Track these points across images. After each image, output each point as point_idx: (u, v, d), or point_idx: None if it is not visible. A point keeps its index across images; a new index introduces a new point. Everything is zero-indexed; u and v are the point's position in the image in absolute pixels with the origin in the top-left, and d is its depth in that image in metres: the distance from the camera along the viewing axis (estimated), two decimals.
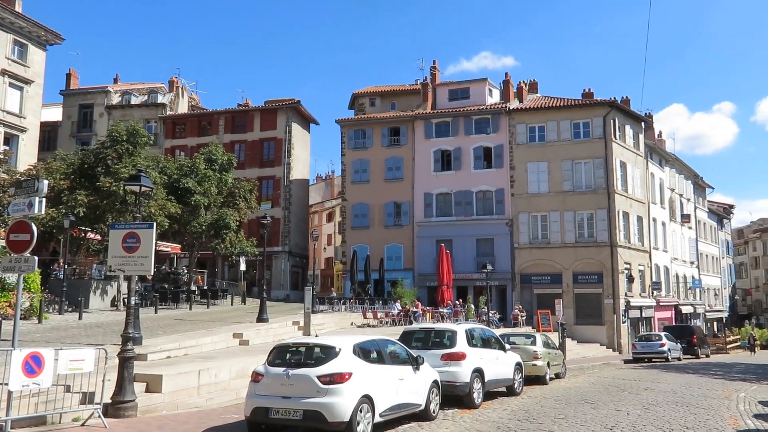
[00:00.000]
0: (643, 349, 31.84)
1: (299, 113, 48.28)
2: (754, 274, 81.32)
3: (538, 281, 38.08)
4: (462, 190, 40.04)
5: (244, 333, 19.06)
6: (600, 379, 21.07)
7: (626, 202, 39.05)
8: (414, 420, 11.16)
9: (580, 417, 12.07)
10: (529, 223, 38.63)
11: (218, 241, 33.34)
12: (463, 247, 38.79)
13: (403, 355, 11.35)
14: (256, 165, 46.18)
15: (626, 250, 38.35)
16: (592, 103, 39.77)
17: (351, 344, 9.95)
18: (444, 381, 12.42)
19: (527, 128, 39.47)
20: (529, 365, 17.66)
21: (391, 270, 39.04)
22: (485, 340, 14.95)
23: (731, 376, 23.39)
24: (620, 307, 37.08)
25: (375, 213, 41.72)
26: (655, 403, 14.33)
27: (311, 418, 9.03)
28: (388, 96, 46.82)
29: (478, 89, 42.55)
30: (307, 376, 9.19)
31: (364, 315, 29.44)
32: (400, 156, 41.84)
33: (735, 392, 17.01)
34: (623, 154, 39.43)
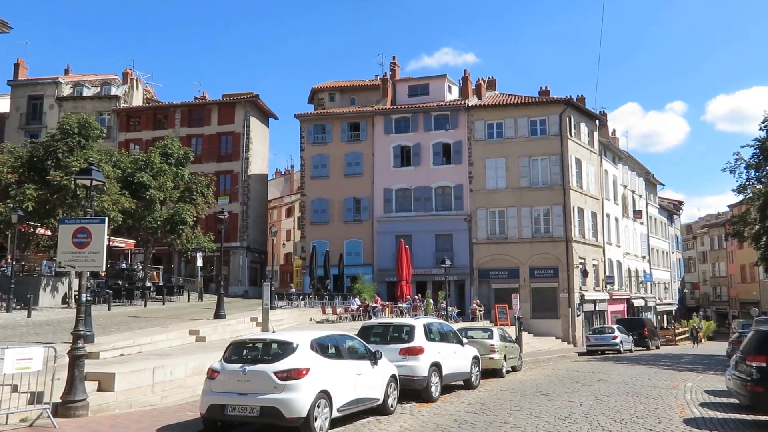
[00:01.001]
0: (597, 342, 32.61)
1: (258, 107, 47.75)
2: (702, 268, 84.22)
3: (495, 276, 38.60)
4: (421, 186, 40.26)
5: (201, 330, 18.80)
6: (555, 371, 21.51)
7: (581, 198, 39.90)
8: (372, 414, 11.20)
9: (535, 408, 12.31)
10: (488, 218, 39.10)
11: (174, 237, 32.80)
12: (423, 242, 39.04)
13: (362, 350, 11.37)
14: (214, 159, 45.50)
15: (581, 245, 39.20)
16: (548, 101, 40.46)
17: (308, 340, 9.92)
18: (402, 375, 12.50)
19: (485, 125, 39.92)
20: (486, 359, 17.91)
21: (351, 265, 39.02)
22: (443, 335, 15.09)
23: (679, 366, 24.18)
24: (575, 301, 37.89)
25: (334, 208, 41.62)
26: (607, 394, 14.71)
27: (268, 414, 8.97)
28: (347, 91, 46.69)
29: (437, 86, 42.81)
30: (264, 372, 9.12)
31: (323, 310, 29.38)
32: (359, 151, 41.80)
33: (683, 382, 17.60)
34: (578, 151, 40.26)
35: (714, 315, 74.52)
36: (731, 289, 75.08)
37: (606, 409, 12.31)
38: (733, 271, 73.86)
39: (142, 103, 50.08)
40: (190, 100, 48.81)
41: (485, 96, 43.35)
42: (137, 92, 50.42)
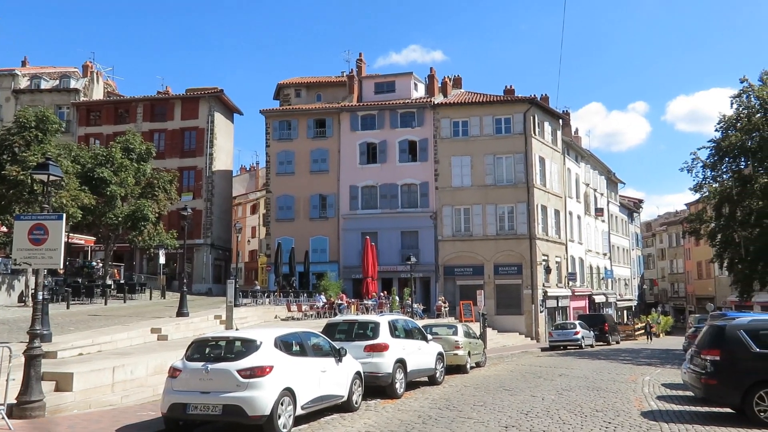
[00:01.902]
0: (559, 337, 33.21)
1: (222, 102, 47.16)
2: (661, 265, 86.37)
3: (461, 273, 38.91)
4: (387, 183, 40.32)
5: (163, 328, 18.49)
6: (518, 366, 21.82)
7: (544, 196, 40.49)
8: (337, 411, 11.21)
9: (498, 403, 12.47)
10: (453, 216, 39.38)
11: (136, 234, 32.20)
12: (389, 239, 39.13)
13: (326, 348, 11.36)
14: (177, 155, 44.80)
15: (544, 242, 39.79)
16: (513, 99, 40.90)
17: (272, 337, 9.86)
18: (367, 372, 12.54)
19: (451, 123, 40.17)
20: (450, 355, 18.08)
21: (317, 262, 38.88)
22: (408, 331, 15.17)
23: (638, 361, 24.78)
24: (538, 297, 38.46)
25: (300, 205, 41.39)
26: (568, 388, 14.98)
27: (231, 412, 8.89)
28: (314, 87, 46.45)
29: (403, 83, 42.90)
30: (227, 370, 9.04)
31: (288, 308, 29.21)
32: (325, 148, 41.64)
33: (641, 376, 18.05)
34: (542, 149, 40.83)
35: (672, 310, 76.54)
36: (688, 285, 77.17)
37: (567, 403, 12.54)
38: (690, 268, 75.91)
39: (103, 97, 48.99)
40: (152, 95, 47.91)
41: (451, 94, 43.62)
42: (98, 86, 49.28)
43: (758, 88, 31.56)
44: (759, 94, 31.30)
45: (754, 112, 31.47)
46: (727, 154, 32.28)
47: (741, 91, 32.21)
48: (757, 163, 31.00)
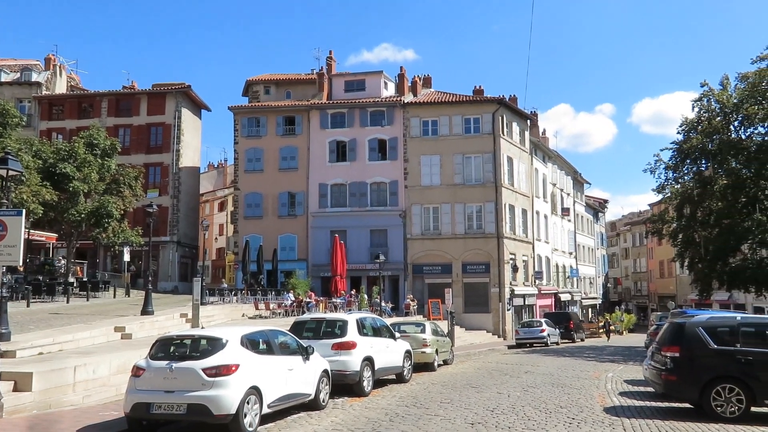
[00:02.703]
0: (525, 335, 33.63)
1: (190, 98, 46.51)
2: (624, 264, 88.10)
3: (429, 271, 39.11)
4: (357, 182, 40.30)
5: (127, 326, 18.18)
6: (485, 364, 22.04)
7: (512, 196, 40.94)
8: (304, 410, 11.18)
9: (465, 400, 12.58)
10: (422, 214, 39.55)
11: (100, 231, 31.57)
12: (357, 237, 39.11)
13: (293, 346, 11.31)
14: (143, 151, 44.03)
15: (512, 241, 40.23)
16: (482, 100, 41.25)
17: (238, 335, 9.79)
18: (334, 370, 12.53)
19: (421, 122, 40.33)
20: (418, 353, 18.16)
21: (285, 260, 38.67)
22: (376, 329, 15.20)
23: (602, 358, 25.25)
24: (505, 296, 38.88)
25: (269, 203, 41.10)
26: (533, 385, 15.20)
27: (196, 411, 8.80)
28: (283, 84, 46.14)
29: (373, 81, 42.90)
30: (192, 369, 8.95)
31: (256, 306, 29.02)
32: (294, 145, 41.42)
33: (604, 372, 18.41)
34: (510, 149, 41.27)
35: (635, 308, 78.12)
36: (650, 283, 78.86)
37: (532, 400, 12.72)
38: (652, 267, 77.58)
39: (66, 91, 47.88)
40: (117, 89, 47.00)
41: (421, 93, 43.78)
42: (60, 79, 48.15)
43: (718, 93, 32.40)
44: (719, 98, 32.13)
45: (714, 116, 32.30)
46: (688, 156, 33.07)
47: (702, 95, 33.03)
48: (717, 165, 31.83)
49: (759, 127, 31.78)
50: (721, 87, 32.86)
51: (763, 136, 31.69)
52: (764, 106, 30.46)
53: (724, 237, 31.01)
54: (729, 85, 32.81)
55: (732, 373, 10.70)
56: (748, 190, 31.30)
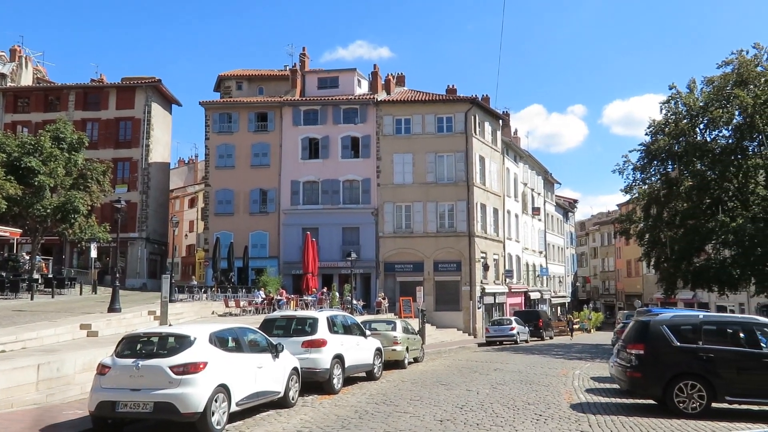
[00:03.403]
0: (495, 333, 33.92)
1: (160, 93, 45.83)
2: (593, 263, 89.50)
3: (401, 269, 39.21)
4: (329, 179, 40.19)
5: (93, 324, 17.89)
6: (455, 361, 22.19)
7: (484, 195, 41.26)
8: (273, 408, 11.13)
9: (434, 398, 12.66)
10: (394, 212, 39.63)
11: (66, 226, 30.96)
12: (329, 235, 39.02)
13: (263, 343, 11.25)
14: (111, 146, 43.28)
15: (483, 240, 40.56)
16: (454, 99, 41.49)
17: (207, 333, 9.70)
18: (304, 368, 12.50)
19: (394, 120, 40.39)
20: (389, 350, 18.21)
21: (256, 258, 38.40)
22: (347, 327, 15.20)
23: (570, 355, 25.63)
24: (476, 294, 39.19)
25: (240, 199, 40.75)
26: (502, 383, 15.35)
27: (163, 410, 8.70)
28: (255, 80, 45.75)
29: (347, 79, 42.81)
30: (159, 366, 8.84)
31: (226, 304, 28.78)
32: (267, 142, 41.13)
33: (572, 370, 18.68)
34: (482, 149, 41.58)
35: (602, 307, 79.47)
36: (618, 282, 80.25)
37: (501, 397, 12.86)
38: (620, 266, 78.95)
39: (32, 83, 46.79)
40: (86, 82, 46.04)
41: (394, 91, 43.85)
42: (26, 71, 47.03)
43: (685, 96, 33.06)
44: (686, 101, 32.79)
45: (681, 118, 32.96)
46: (655, 158, 33.69)
47: (669, 98, 33.69)
48: (683, 166, 32.49)
49: (723, 130, 32.57)
50: (688, 90, 33.55)
51: (727, 139, 32.47)
52: (728, 109, 31.19)
53: (689, 237, 31.67)
54: (696, 89, 33.51)
55: (694, 370, 10.97)
56: (712, 192, 32.03)
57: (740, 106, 29.87)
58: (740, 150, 31.68)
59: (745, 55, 31.72)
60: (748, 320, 12.50)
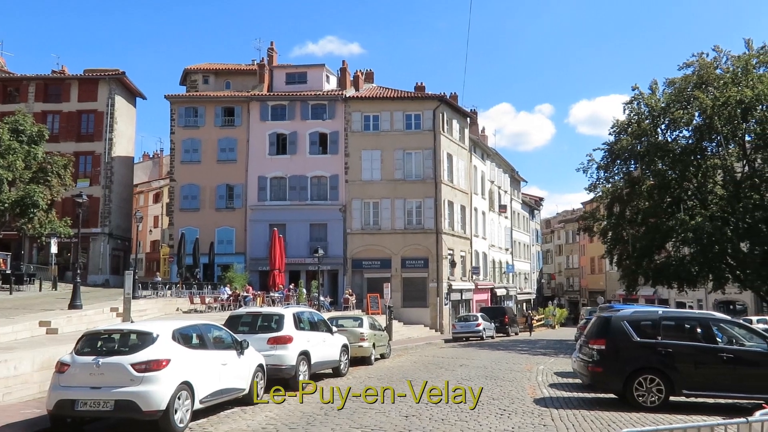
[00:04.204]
0: (462, 329, 34.27)
1: (124, 85, 44.93)
2: (558, 260, 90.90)
3: (368, 266, 39.23)
4: (297, 175, 39.95)
5: (53, 321, 17.49)
6: (421, 357, 22.33)
7: (451, 192, 41.53)
8: (238, 405, 11.05)
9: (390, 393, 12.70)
10: (362, 209, 39.61)
11: (25, 221, 30.18)
12: (297, 231, 38.82)
13: (228, 340, 11.15)
14: (73, 139, 42.26)
15: (450, 237, 40.84)
16: (423, 96, 41.63)
17: (170, 330, 9.57)
18: (270, 365, 12.43)
19: (362, 116, 40.34)
20: (355, 347, 18.25)
21: (222, 254, 37.98)
22: (313, 324, 15.17)
23: (535, 351, 26.01)
24: (443, 291, 39.45)
25: (206, 195, 40.24)
26: (467, 378, 15.50)
27: (124, 408, 8.57)
28: (222, 74, 45.20)
29: (315, 74, 42.60)
30: (120, 364, 8.69)
31: (191, 300, 28.45)
32: (234, 137, 40.68)
33: (536, 365, 18.97)
34: (450, 146, 41.83)
35: (567, 303, 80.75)
36: (582, 279, 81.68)
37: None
38: (584, 263, 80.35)
39: None
40: (46, 74, 44.86)
41: (363, 88, 43.78)
42: None
43: (647, 97, 33.76)
44: (648, 101, 33.49)
45: (643, 119, 33.64)
46: (618, 157, 34.33)
47: (632, 99, 34.36)
48: (645, 166, 33.17)
49: (683, 130, 33.34)
50: (650, 91, 34.25)
51: (687, 139, 33.24)
52: (689, 110, 31.94)
53: (650, 235, 32.37)
54: (657, 90, 34.24)
55: (653, 364, 11.23)
56: (672, 191, 32.78)
57: (700, 107, 30.62)
58: (699, 150, 32.49)
59: (705, 58, 32.54)
60: (705, 316, 12.87)
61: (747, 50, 32.02)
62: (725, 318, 12.97)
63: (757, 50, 31.73)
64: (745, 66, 31.00)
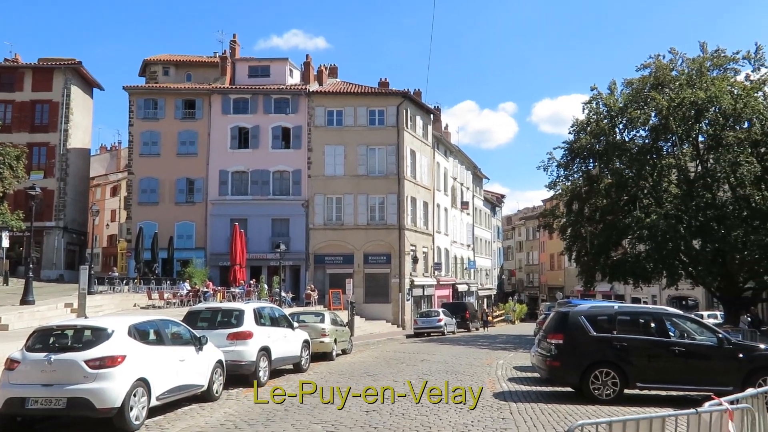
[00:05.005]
0: (424, 325, 34.47)
1: (80, 75, 43.70)
2: (518, 257, 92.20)
3: (331, 261, 39.11)
4: (259, 169, 39.54)
5: (3, 317, 17.01)
6: (383, 353, 22.38)
7: (414, 188, 41.69)
8: (196, 401, 10.90)
9: (361, 389, 12.70)
10: (325, 204, 39.45)
11: None
12: (259, 226, 38.44)
13: (186, 336, 10.98)
14: (26, 129, 40.92)
15: (412, 233, 41.00)
16: (387, 92, 41.63)
17: (126, 325, 9.36)
18: (230, 361, 12.30)
19: (326, 111, 40.14)
20: (317, 342, 18.18)
21: (182, 249, 37.36)
22: (274, 319, 15.06)
23: (495, 346, 26.34)
24: (405, 286, 39.61)
25: (165, 189, 39.49)
26: (428, 373, 15.60)
27: (77, 405, 8.35)
28: (183, 66, 44.39)
29: (278, 68, 42.18)
30: (73, 360, 8.47)
31: (149, 296, 27.93)
32: (194, 130, 40.01)
33: (496, 360, 19.21)
34: (413, 143, 41.96)
35: (527, 299, 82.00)
36: (542, 275, 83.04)
37: (426, 387, 13.03)
38: (543, 260, 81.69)
39: None
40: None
41: (327, 83, 43.56)
42: None
43: (606, 97, 34.40)
44: (606, 101, 34.12)
45: (601, 118, 34.26)
46: (578, 155, 34.89)
47: (591, 98, 34.94)
48: (603, 165, 33.80)
49: (640, 130, 34.06)
50: (608, 91, 34.88)
51: (644, 139, 33.98)
52: (645, 111, 32.64)
53: (608, 232, 33.03)
54: (616, 90, 34.87)
55: (608, 358, 11.49)
56: (629, 189, 33.49)
57: (656, 107, 31.33)
58: (655, 150, 33.26)
59: (662, 60, 33.32)
60: (659, 311, 13.22)
61: (701, 53, 32.90)
62: (678, 313, 13.36)
63: (711, 53, 32.63)
64: (699, 68, 31.85)
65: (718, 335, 11.79)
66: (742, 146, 29.71)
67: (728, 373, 11.13)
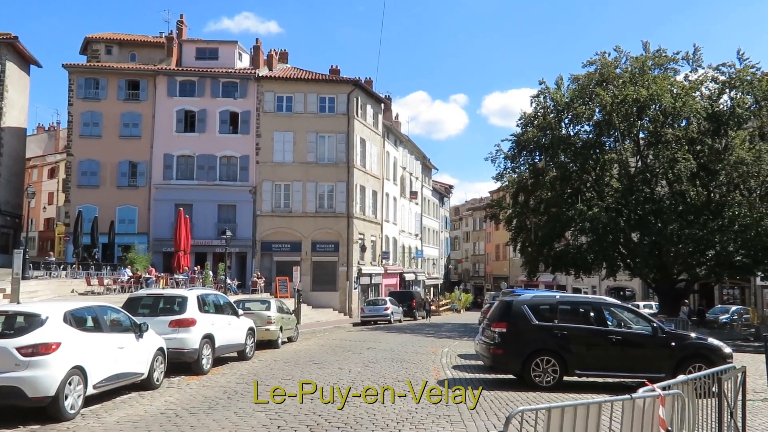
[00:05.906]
0: (370, 313, 34.62)
1: (17, 51, 41.63)
2: (465, 247, 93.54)
3: (278, 249, 38.73)
4: (205, 154, 38.69)
5: None
6: (329, 341, 22.36)
7: (364, 177, 41.64)
8: (135, 390, 10.64)
9: (306, 376, 12.66)
10: (273, 191, 38.97)
11: None
12: (204, 212, 37.67)
13: (125, 323, 10.68)
14: None
15: (361, 221, 41.01)
16: (338, 80, 41.34)
17: (61, 312, 9.03)
18: (172, 348, 12.07)
19: (275, 97, 39.56)
20: (262, 330, 18.03)
21: (124, 234, 36.26)
22: (218, 306, 14.83)
23: (440, 334, 26.67)
24: (353, 275, 39.62)
25: (107, 171, 38.20)
26: (374, 361, 15.68)
27: (7, 394, 8.01)
28: (127, 45, 42.88)
29: (227, 51, 41.26)
30: (4, 348, 8.11)
31: (88, 282, 27.06)
32: (138, 112, 38.78)
33: (441, 348, 19.46)
34: (363, 131, 41.86)
35: (473, 288, 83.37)
36: (487, 265, 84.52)
37: (372, 375, 13.12)
38: (489, 250, 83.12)
39: None
40: None
41: (277, 68, 42.89)
42: None
43: (553, 91, 35.10)
44: (553, 96, 34.83)
45: (548, 112, 34.97)
46: (524, 148, 35.54)
47: (539, 92, 35.61)
48: (549, 158, 34.55)
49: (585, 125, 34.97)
50: (556, 86, 35.61)
51: (588, 134, 34.88)
52: (590, 106, 33.50)
53: (551, 224, 33.83)
54: (563, 85, 35.64)
55: (549, 346, 11.79)
56: (573, 183, 34.36)
57: (600, 104, 32.17)
58: (599, 145, 34.19)
59: (607, 57, 34.22)
60: (598, 301, 13.63)
61: (644, 52, 33.94)
62: (616, 303, 13.81)
63: (653, 53, 33.70)
64: (642, 67, 32.83)
65: (653, 324, 12.23)
66: (680, 143, 30.83)
67: (661, 361, 11.58)
